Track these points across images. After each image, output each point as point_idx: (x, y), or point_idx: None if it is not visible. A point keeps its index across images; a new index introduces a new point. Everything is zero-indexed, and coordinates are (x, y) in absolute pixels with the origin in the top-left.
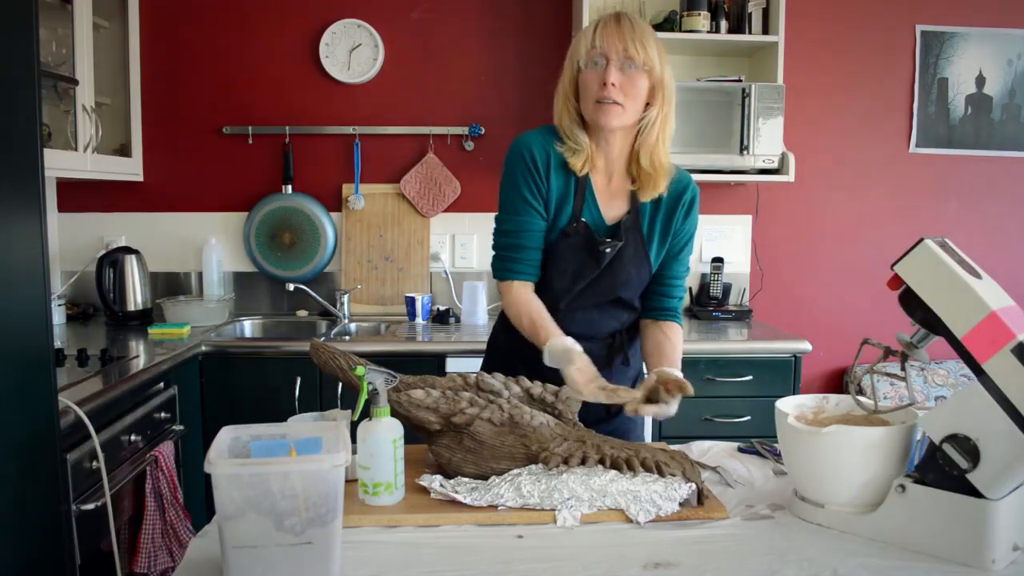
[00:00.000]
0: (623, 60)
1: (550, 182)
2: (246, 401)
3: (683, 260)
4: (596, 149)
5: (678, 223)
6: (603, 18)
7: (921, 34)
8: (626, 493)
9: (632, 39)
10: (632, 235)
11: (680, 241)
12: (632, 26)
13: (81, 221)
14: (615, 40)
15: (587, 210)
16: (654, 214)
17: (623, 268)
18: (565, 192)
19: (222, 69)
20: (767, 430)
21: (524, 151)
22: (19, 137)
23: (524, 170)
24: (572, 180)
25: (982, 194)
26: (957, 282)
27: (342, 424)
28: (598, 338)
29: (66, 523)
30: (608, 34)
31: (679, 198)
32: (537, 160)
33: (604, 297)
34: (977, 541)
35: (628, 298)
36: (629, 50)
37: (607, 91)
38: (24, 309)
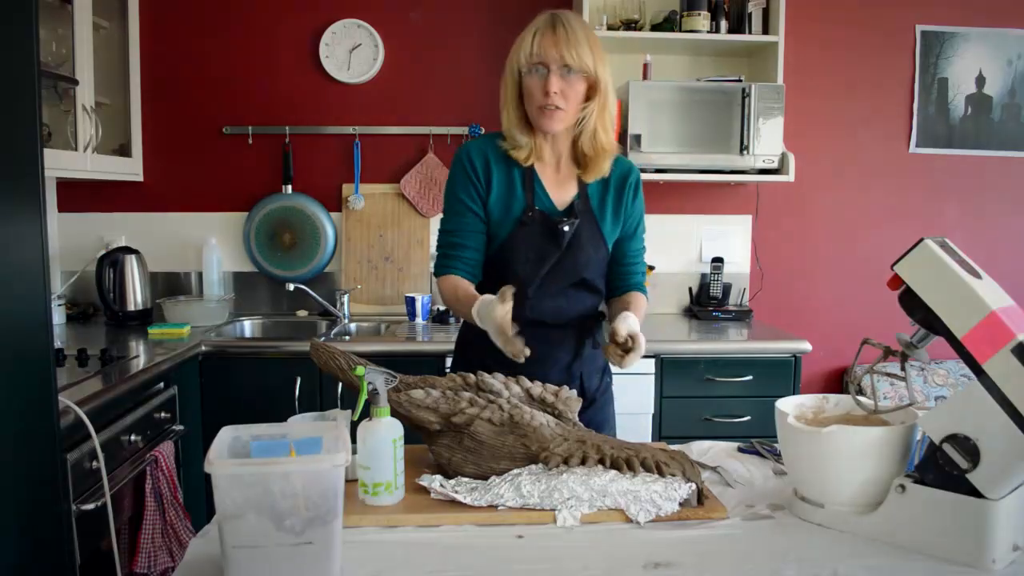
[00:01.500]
0: (561, 68)
1: (491, 183)
2: (246, 401)
3: (639, 238)
4: (543, 142)
5: (628, 204)
6: (541, 25)
7: (921, 34)
8: (626, 493)
9: (568, 47)
10: (585, 215)
11: (633, 222)
12: (567, 33)
13: (81, 221)
14: (552, 49)
15: (538, 199)
16: (603, 195)
17: (582, 249)
18: (510, 186)
19: (222, 69)
20: (767, 430)
21: (463, 156)
22: (19, 137)
23: (462, 175)
24: (518, 173)
25: (982, 194)
26: (957, 282)
27: (342, 424)
28: (568, 324)
29: (66, 523)
30: (546, 44)
31: (625, 180)
32: (476, 164)
33: (569, 280)
34: (977, 541)
35: (591, 279)
36: (566, 58)
37: (549, 98)
38: (24, 309)
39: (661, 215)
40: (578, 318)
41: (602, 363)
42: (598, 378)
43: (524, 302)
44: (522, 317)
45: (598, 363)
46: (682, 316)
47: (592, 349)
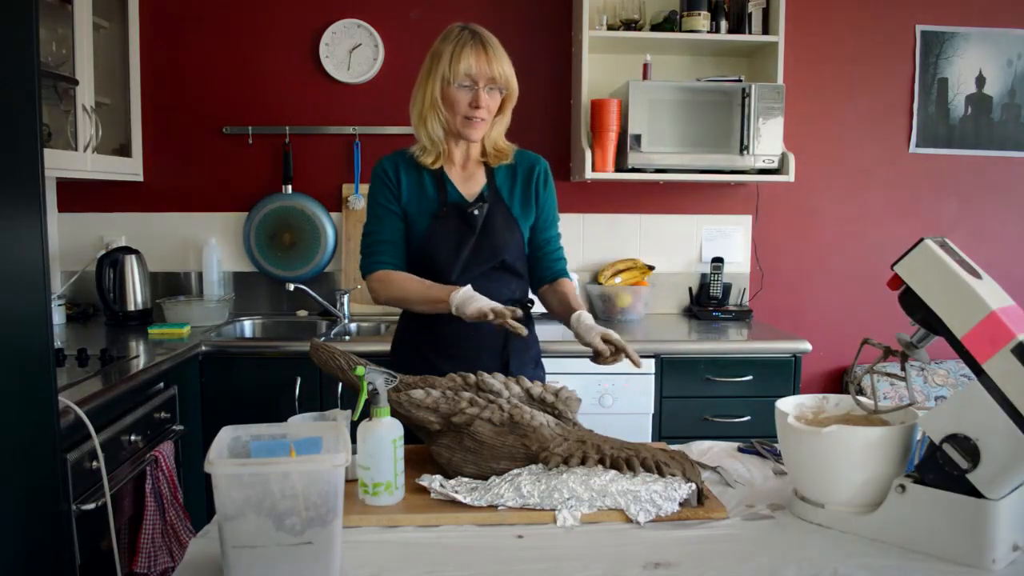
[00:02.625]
0: (489, 84)
1: (401, 186)
2: (246, 401)
3: (554, 224)
4: (454, 146)
5: (539, 191)
6: (469, 42)
7: (921, 34)
8: (626, 493)
9: (496, 65)
10: (495, 202)
11: (546, 210)
12: (494, 53)
13: (81, 221)
14: (483, 66)
15: (449, 195)
16: (511, 184)
17: (497, 232)
18: (422, 189)
19: (222, 69)
20: (767, 430)
21: (377, 168)
22: (19, 137)
23: (380, 183)
24: (428, 176)
25: (982, 194)
26: (957, 282)
27: (342, 424)
28: None
29: (66, 523)
30: (478, 61)
31: (532, 170)
32: (388, 171)
33: (489, 262)
34: (977, 541)
35: (511, 262)
36: (495, 76)
37: (477, 112)
38: (24, 309)
39: (661, 215)
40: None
41: (535, 354)
42: (530, 368)
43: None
44: None
45: (529, 353)
46: (682, 316)
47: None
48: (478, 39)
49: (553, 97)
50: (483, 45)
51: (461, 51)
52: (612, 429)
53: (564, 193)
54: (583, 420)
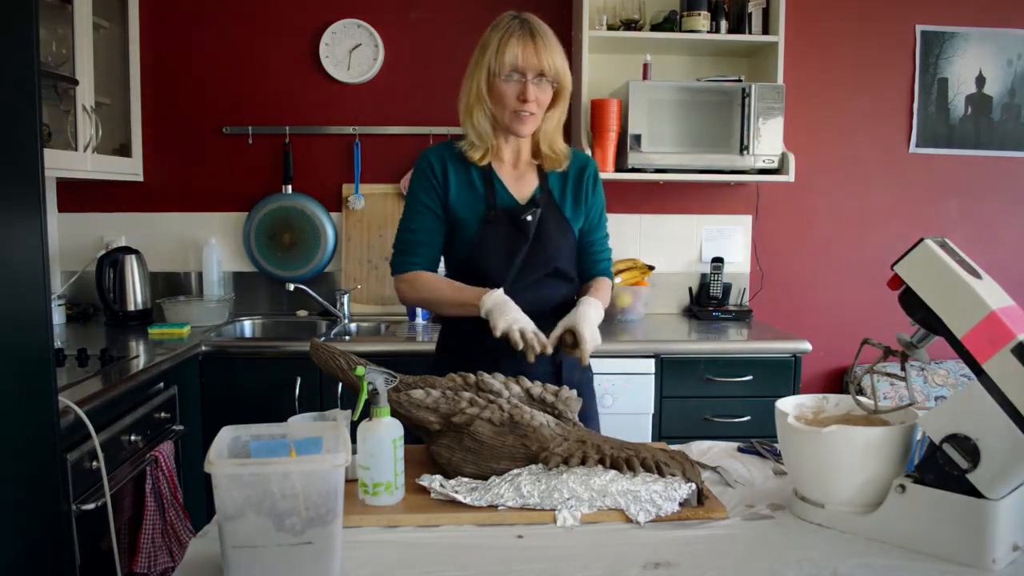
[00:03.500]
0: (539, 77)
1: (447, 183)
2: (246, 401)
3: (603, 226)
4: (503, 143)
5: (588, 194)
6: (517, 32)
7: (921, 34)
8: (626, 493)
9: (546, 56)
10: (548, 205)
11: (596, 211)
12: (544, 43)
13: (81, 221)
14: (532, 58)
15: (499, 197)
16: (563, 186)
17: (550, 238)
18: (470, 186)
19: (222, 69)
20: (767, 430)
21: (422, 161)
22: (19, 137)
23: (422, 177)
24: (476, 173)
25: (982, 194)
26: (957, 282)
27: (342, 424)
28: (545, 314)
29: (66, 523)
30: (526, 53)
31: (583, 171)
32: (435, 166)
33: (542, 270)
34: (977, 541)
35: (563, 268)
36: (544, 68)
37: (526, 106)
38: (24, 309)
39: (661, 215)
40: (556, 309)
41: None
42: (580, 372)
43: None
44: None
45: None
46: (682, 316)
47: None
48: (527, 28)
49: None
50: (531, 35)
51: (508, 41)
52: (612, 429)
53: None
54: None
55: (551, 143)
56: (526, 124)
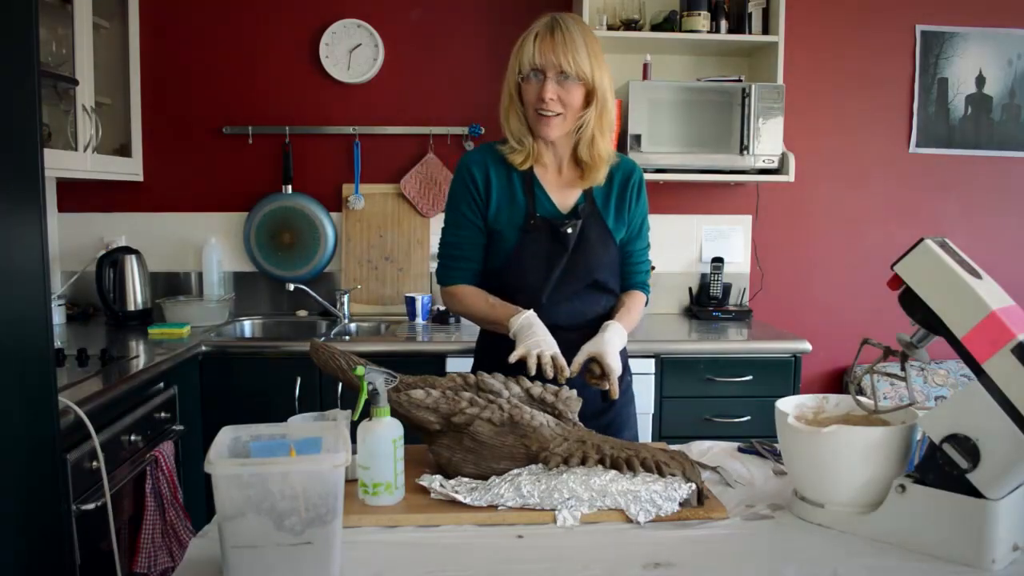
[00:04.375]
0: (558, 74)
1: (490, 192)
2: (246, 401)
3: (644, 236)
4: (542, 147)
5: (632, 203)
6: (540, 30)
7: (921, 34)
8: (626, 493)
9: (565, 54)
10: (591, 216)
11: (637, 221)
12: (565, 40)
13: (81, 221)
14: (550, 56)
15: (540, 205)
16: (607, 195)
17: (592, 249)
18: (511, 192)
19: (222, 69)
20: (767, 430)
21: (463, 170)
22: (19, 137)
23: (463, 187)
24: (518, 178)
25: (982, 194)
26: (957, 282)
27: (342, 424)
28: (584, 327)
29: (66, 523)
30: (544, 50)
31: (628, 180)
32: (476, 176)
33: (582, 282)
34: (977, 541)
35: (604, 280)
36: (563, 66)
37: (545, 105)
38: (24, 309)
39: (661, 215)
40: (594, 321)
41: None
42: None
43: (539, 308)
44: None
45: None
46: (682, 316)
47: None
48: (550, 26)
49: None
50: (553, 32)
51: (528, 39)
52: None
53: None
54: None
55: (589, 148)
56: (549, 125)
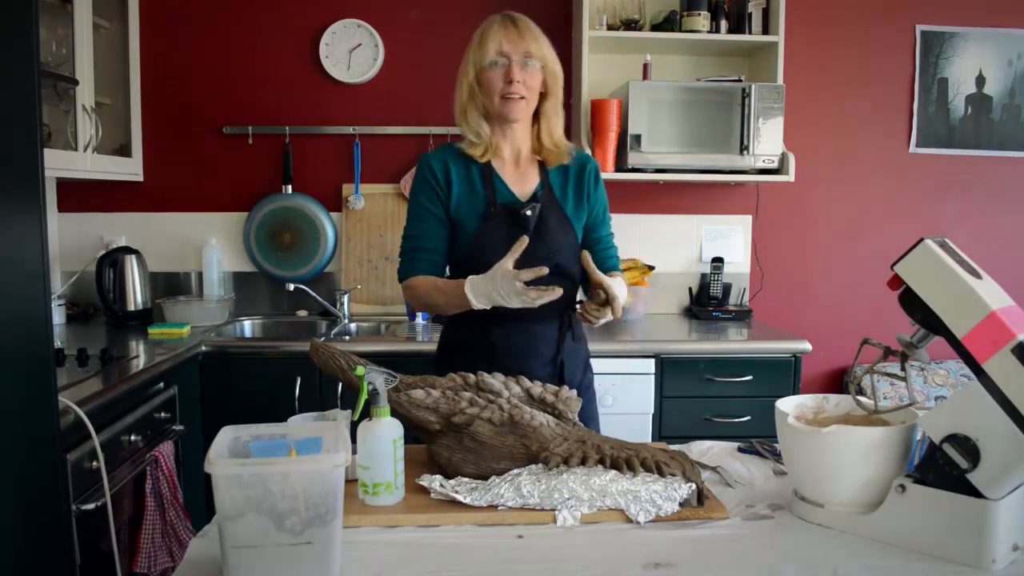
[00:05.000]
0: (523, 58)
1: (451, 185)
2: (246, 401)
3: (607, 223)
4: (501, 139)
5: (590, 191)
6: (498, 21)
7: (921, 34)
8: (626, 493)
9: (529, 39)
10: (549, 202)
11: (598, 208)
12: (527, 27)
13: (81, 221)
14: (516, 41)
15: (499, 194)
16: (563, 184)
17: (551, 234)
18: (471, 184)
19: (222, 69)
20: (767, 430)
21: (423, 166)
22: (19, 137)
23: (423, 181)
24: (476, 171)
25: (982, 194)
26: (957, 282)
27: (342, 424)
28: (547, 316)
29: (66, 523)
30: (509, 37)
31: (584, 168)
32: (435, 169)
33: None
34: (977, 541)
35: (565, 265)
36: (528, 49)
37: (513, 87)
38: (24, 309)
39: (661, 215)
40: (558, 309)
41: (584, 357)
42: (581, 371)
43: None
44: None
45: (580, 356)
46: (682, 316)
47: (573, 342)
48: (507, 18)
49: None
50: (512, 21)
51: (489, 30)
52: (612, 429)
53: None
54: None
55: (551, 134)
56: (516, 106)
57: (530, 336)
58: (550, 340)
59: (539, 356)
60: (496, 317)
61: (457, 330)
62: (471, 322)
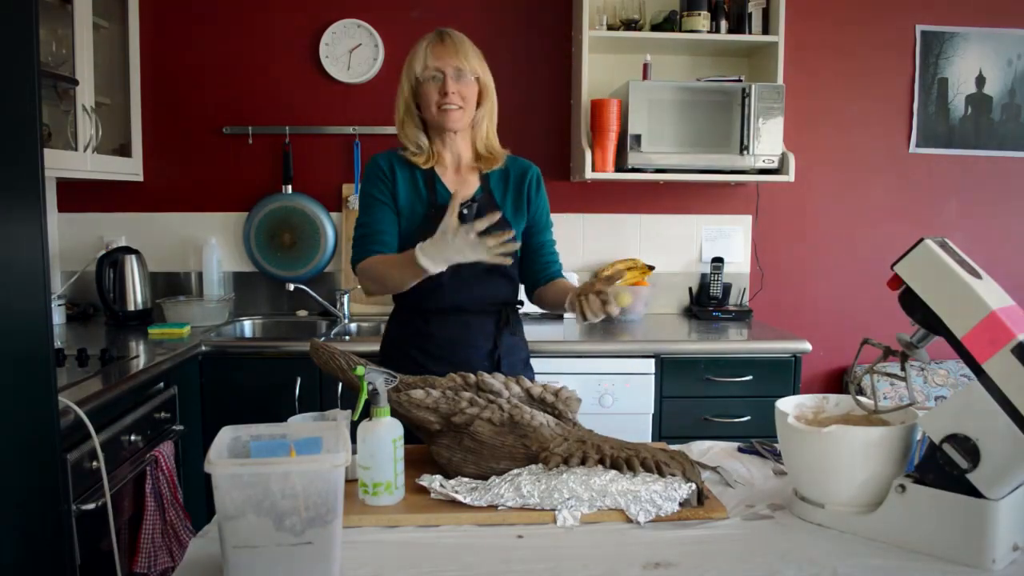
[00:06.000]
0: (456, 72)
1: (396, 182)
2: (246, 401)
3: (548, 229)
4: (442, 147)
5: (532, 197)
6: (431, 39)
7: (921, 34)
8: (626, 493)
9: (459, 54)
10: (487, 204)
11: (541, 214)
12: (456, 43)
13: (81, 221)
14: (447, 57)
15: (440, 196)
16: (503, 190)
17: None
18: (415, 187)
19: (222, 69)
20: (767, 430)
21: (372, 165)
22: (19, 137)
23: (373, 176)
24: (420, 176)
25: (982, 194)
26: (957, 282)
27: (342, 424)
28: (487, 310)
29: (66, 523)
30: (441, 53)
31: (524, 175)
32: (383, 166)
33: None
34: (977, 541)
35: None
36: (460, 64)
37: (448, 99)
38: (24, 309)
39: (661, 215)
40: (495, 305)
41: (524, 356)
42: (520, 370)
43: (441, 289)
44: (441, 304)
45: (519, 355)
46: (682, 316)
47: (511, 336)
48: (439, 34)
49: (553, 97)
50: (443, 38)
51: (421, 47)
52: (612, 429)
53: (564, 193)
54: (583, 420)
55: (486, 143)
56: (452, 116)
57: (467, 327)
58: (487, 333)
59: (476, 348)
60: (435, 310)
61: (398, 323)
62: (411, 315)
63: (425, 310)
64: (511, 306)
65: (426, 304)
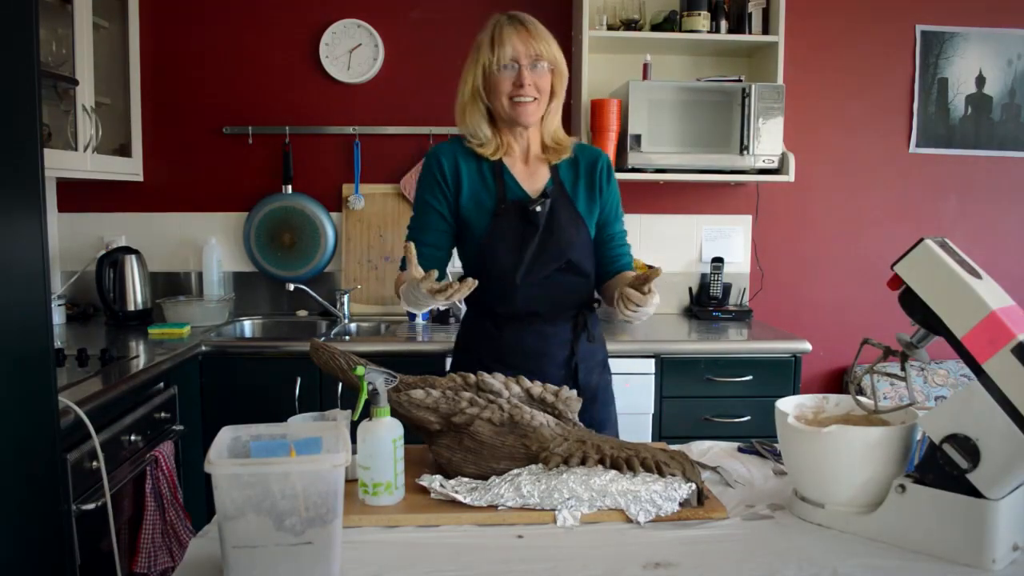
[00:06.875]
0: (533, 60)
1: (460, 182)
2: (246, 401)
3: (619, 219)
4: (509, 138)
5: (602, 186)
6: (507, 23)
7: (921, 34)
8: (626, 493)
9: (538, 40)
10: (559, 197)
11: (611, 204)
12: (536, 29)
13: (81, 221)
14: (526, 44)
15: (510, 191)
16: (575, 179)
17: (562, 229)
18: (482, 181)
19: (222, 69)
20: (767, 430)
21: (431, 159)
22: (19, 137)
23: (429, 176)
24: (487, 168)
25: (982, 194)
26: (957, 282)
27: (342, 424)
28: (561, 317)
29: (66, 523)
30: (519, 39)
31: (595, 164)
32: (444, 165)
33: (555, 262)
34: (977, 541)
35: (577, 261)
36: (539, 52)
37: (524, 90)
38: (24, 309)
39: (661, 215)
40: (572, 309)
41: (601, 358)
42: (597, 374)
43: (514, 292)
44: (515, 309)
45: (597, 358)
46: (682, 316)
47: (589, 343)
48: (516, 20)
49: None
50: (522, 23)
51: (500, 34)
52: None
53: None
54: None
55: (553, 135)
56: (527, 110)
57: (543, 337)
58: (564, 342)
59: (552, 358)
60: (509, 318)
61: (471, 331)
62: (484, 323)
63: (497, 315)
64: (588, 308)
65: (499, 308)
